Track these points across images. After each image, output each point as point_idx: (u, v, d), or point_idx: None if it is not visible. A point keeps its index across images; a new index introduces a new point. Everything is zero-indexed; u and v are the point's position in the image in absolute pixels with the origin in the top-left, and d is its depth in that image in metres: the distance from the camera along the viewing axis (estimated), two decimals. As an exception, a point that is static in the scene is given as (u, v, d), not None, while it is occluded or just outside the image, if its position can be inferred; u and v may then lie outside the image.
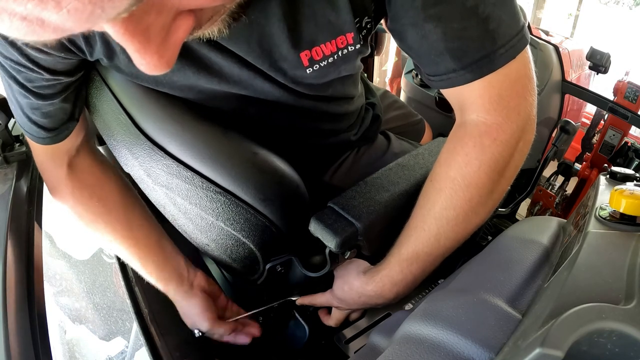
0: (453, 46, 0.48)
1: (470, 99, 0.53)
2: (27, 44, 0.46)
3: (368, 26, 0.53)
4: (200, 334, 0.73)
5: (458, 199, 0.54)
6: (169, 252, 0.72)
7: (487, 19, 0.46)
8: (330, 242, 0.58)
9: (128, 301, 0.81)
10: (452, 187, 0.55)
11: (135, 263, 0.69)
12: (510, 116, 0.52)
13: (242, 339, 0.75)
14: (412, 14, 0.48)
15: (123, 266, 0.85)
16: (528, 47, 0.51)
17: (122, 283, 0.83)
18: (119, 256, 0.71)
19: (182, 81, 0.54)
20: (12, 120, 0.71)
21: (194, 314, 0.72)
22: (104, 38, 0.48)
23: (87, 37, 0.48)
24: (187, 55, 0.52)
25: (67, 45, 0.48)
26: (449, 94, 0.55)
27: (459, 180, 0.54)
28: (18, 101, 0.54)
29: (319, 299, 0.72)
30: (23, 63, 0.48)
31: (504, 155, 0.53)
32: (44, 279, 0.66)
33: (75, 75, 0.54)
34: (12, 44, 0.46)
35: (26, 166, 0.73)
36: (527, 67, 0.52)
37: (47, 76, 0.50)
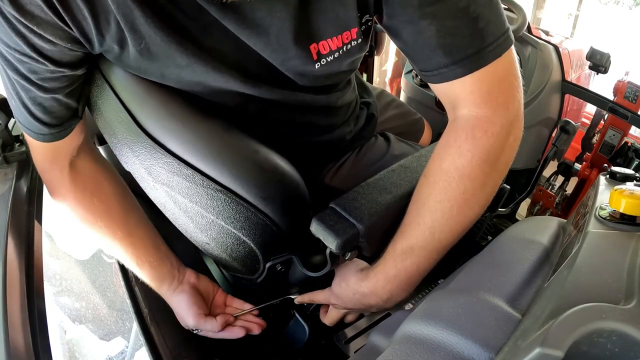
0: (445, 42, 0.51)
1: (461, 95, 0.55)
2: (33, 32, 0.46)
3: (369, 23, 0.56)
4: (197, 331, 0.73)
5: (452, 191, 0.56)
6: (164, 253, 0.72)
7: (477, 18, 0.50)
8: (332, 243, 0.58)
9: (128, 301, 0.81)
10: (446, 179, 0.56)
11: (132, 263, 0.70)
12: (499, 110, 0.55)
13: (237, 332, 0.74)
14: (409, 12, 0.51)
15: (123, 266, 0.85)
16: (513, 48, 0.54)
17: (122, 283, 0.83)
18: (116, 257, 0.72)
19: (190, 77, 0.54)
20: (12, 120, 0.71)
21: (181, 309, 0.73)
22: (119, 25, 0.48)
23: (99, 24, 0.47)
24: (198, 50, 0.52)
25: (74, 35, 0.48)
26: (442, 91, 0.58)
27: (453, 172, 0.56)
28: (20, 96, 0.53)
29: (317, 296, 0.72)
30: (28, 53, 0.47)
31: (495, 147, 0.55)
32: (44, 279, 0.66)
33: (80, 68, 0.53)
34: (18, 32, 0.46)
35: (26, 166, 0.73)
36: (513, 66, 0.55)
37: (51, 67, 0.49)
